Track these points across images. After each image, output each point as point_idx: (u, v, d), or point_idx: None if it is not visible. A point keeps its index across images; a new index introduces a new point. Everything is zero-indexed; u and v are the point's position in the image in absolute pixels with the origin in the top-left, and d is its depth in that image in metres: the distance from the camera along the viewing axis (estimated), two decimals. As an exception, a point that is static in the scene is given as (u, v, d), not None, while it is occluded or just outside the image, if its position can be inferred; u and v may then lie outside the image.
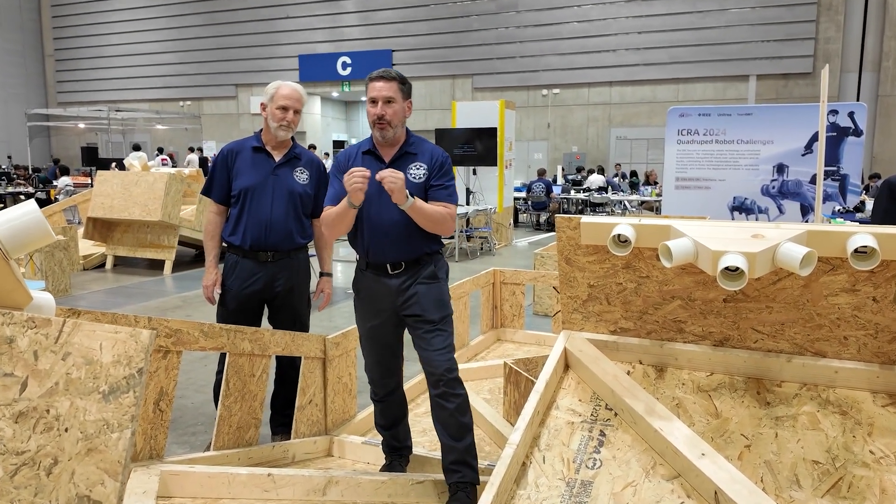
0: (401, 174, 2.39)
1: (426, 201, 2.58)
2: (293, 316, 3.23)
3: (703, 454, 1.74)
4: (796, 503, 1.69)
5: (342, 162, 2.67)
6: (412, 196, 2.45)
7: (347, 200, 2.45)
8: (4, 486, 1.15)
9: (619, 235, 1.96)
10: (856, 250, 1.72)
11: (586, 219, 2.07)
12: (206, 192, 3.17)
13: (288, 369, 3.24)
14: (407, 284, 2.58)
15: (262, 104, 3.11)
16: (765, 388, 2.00)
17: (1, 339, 1.17)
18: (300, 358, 3.01)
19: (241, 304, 3.09)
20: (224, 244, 3.17)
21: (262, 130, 3.17)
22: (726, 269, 1.73)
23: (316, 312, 3.38)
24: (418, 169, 2.60)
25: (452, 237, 10.21)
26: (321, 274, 3.33)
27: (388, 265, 2.59)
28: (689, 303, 2.06)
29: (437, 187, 2.60)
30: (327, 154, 21.99)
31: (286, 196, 3.10)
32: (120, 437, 1.06)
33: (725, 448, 1.85)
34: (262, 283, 3.10)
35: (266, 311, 3.25)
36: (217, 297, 3.15)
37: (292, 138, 3.19)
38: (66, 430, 1.08)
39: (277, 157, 3.13)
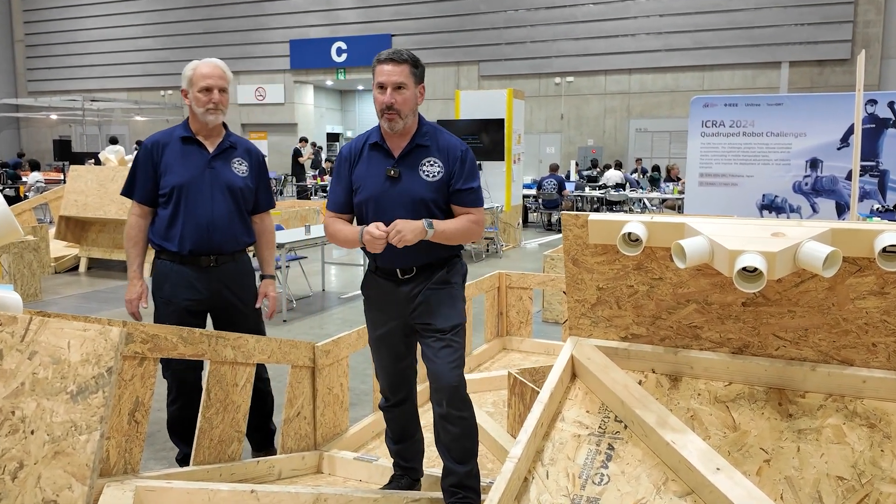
0: (401, 225, 2.38)
1: (446, 203, 2.56)
2: (247, 327, 3.07)
3: (718, 469, 1.77)
4: (818, 522, 1.71)
5: (346, 156, 2.63)
6: (430, 224, 2.44)
7: (360, 237, 2.45)
8: (-33, 492, 1.17)
9: (629, 234, 1.98)
10: (884, 249, 1.74)
11: (594, 216, 2.10)
12: (128, 192, 3.01)
13: (255, 380, 3.11)
14: (417, 291, 2.58)
15: (182, 91, 3.01)
16: (787, 399, 2.03)
17: (-36, 338, 1.22)
18: (264, 366, 2.99)
19: (182, 319, 2.93)
20: (156, 249, 3.02)
21: (188, 119, 3.04)
22: (744, 269, 1.76)
23: (306, 318, 3.41)
24: (432, 166, 2.55)
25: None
26: (262, 276, 3.22)
27: (398, 270, 2.59)
28: (705, 307, 2.09)
29: (461, 192, 2.55)
30: (321, 147, 22.05)
31: (226, 192, 2.98)
32: (88, 439, 1.10)
33: (743, 463, 1.88)
34: (208, 293, 2.98)
35: (210, 324, 3.12)
36: (142, 313, 2.99)
37: (224, 125, 3.09)
38: (33, 432, 1.13)
39: (211, 148, 3.01)
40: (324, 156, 20.70)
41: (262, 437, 3.28)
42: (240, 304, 3.09)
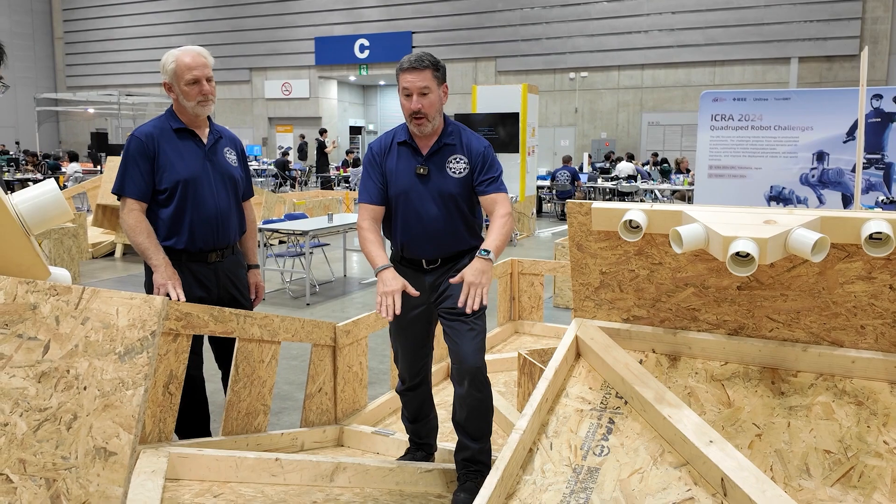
0: (474, 279, 2.35)
1: (469, 196, 2.61)
2: None
3: (711, 441, 1.81)
4: (805, 491, 1.75)
5: (376, 151, 2.66)
6: (487, 254, 2.40)
7: (375, 272, 2.44)
8: (28, 440, 1.31)
9: (629, 221, 2.03)
10: (870, 236, 1.77)
11: (597, 204, 2.14)
12: (121, 189, 2.69)
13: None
14: (441, 279, 2.63)
15: (165, 84, 2.79)
16: (780, 378, 2.06)
17: (25, 306, 1.34)
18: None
19: None
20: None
21: (173, 110, 2.83)
22: (737, 254, 1.80)
23: (328, 302, 3.48)
24: (458, 163, 2.61)
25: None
26: (249, 266, 3.06)
27: (423, 260, 2.64)
28: (702, 290, 2.13)
29: (485, 182, 2.59)
30: (316, 138, 22.06)
31: (228, 183, 2.84)
32: (134, 393, 1.22)
33: (736, 437, 1.92)
34: (216, 289, 2.83)
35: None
36: (176, 295, 2.63)
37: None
38: (85, 388, 1.24)
39: (203, 139, 2.83)
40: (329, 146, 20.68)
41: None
42: (241, 297, 2.95)
